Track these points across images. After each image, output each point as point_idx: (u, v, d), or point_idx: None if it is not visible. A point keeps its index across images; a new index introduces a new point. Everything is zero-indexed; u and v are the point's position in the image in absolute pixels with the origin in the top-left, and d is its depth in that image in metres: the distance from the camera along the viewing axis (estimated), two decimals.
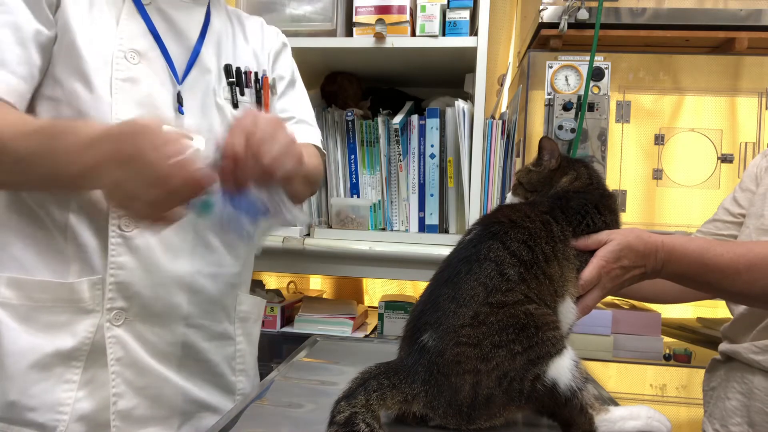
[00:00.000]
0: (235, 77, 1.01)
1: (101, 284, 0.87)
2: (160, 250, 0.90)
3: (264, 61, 1.08)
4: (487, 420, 0.71)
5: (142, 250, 0.88)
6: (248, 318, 1.06)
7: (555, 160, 0.93)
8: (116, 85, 0.87)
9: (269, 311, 1.65)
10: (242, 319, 1.05)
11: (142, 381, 0.89)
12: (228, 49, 1.02)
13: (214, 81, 0.98)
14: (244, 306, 1.05)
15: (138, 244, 0.88)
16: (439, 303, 0.74)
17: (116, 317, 0.87)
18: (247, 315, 1.06)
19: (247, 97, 1.02)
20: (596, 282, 0.81)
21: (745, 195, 1.12)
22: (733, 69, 1.54)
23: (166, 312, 0.91)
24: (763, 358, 1.01)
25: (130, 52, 0.89)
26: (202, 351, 0.96)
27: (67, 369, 0.86)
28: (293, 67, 1.17)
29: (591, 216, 0.85)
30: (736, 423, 1.05)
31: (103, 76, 0.87)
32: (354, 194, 1.61)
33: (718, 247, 0.86)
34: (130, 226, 0.87)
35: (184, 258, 0.92)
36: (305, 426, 0.77)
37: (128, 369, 0.88)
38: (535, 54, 1.54)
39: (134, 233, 0.88)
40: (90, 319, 0.87)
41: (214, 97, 0.98)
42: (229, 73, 1.00)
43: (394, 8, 1.50)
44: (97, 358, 0.87)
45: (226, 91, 1.00)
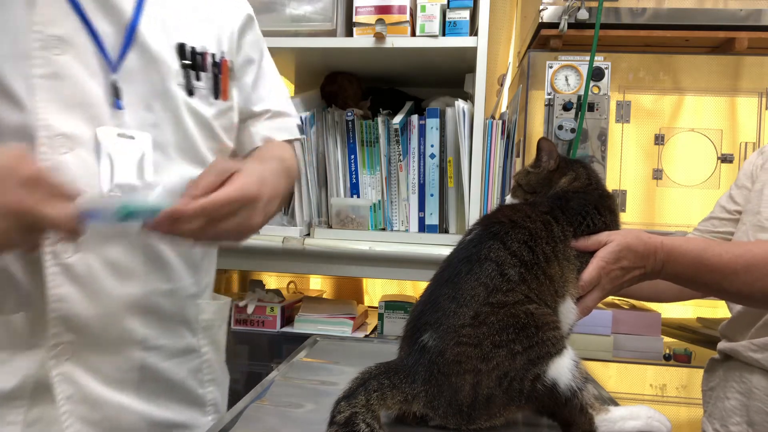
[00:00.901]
0: (192, 59, 0.86)
1: (42, 318, 0.76)
2: (107, 274, 0.79)
3: (225, 40, 0.92)
4: (488, 420, 0.71)
5: (84, 277, 0.77)
6: (212, 325, 0.97)
7: (554, 161, 0.93)
8: (37, 83, 0.73)
9: (269, 311, 1.65)
10: (206, 327, 0.96)
11: (98, 414, 0.81)
12: (179, 24, 0.86)
13: (161, 64, 0.83)
14: (206, 314, 0.95)
15: (80, 272, 0.77)
16: (440, 303, 0.74)
17: (62, 352, 0.78)
18: (211, 323, 0.97)
19: (203, 82, 0.87)
20: (596, 283, 0.81)
21: (741, 192, 1.13)
22: (733, 69, 1.54)
23: (119, 339, 0.82)
24: (761, 356, 1.01)
25: (51, 40, 0.74)
26: (163, 371, 0.88)
27: (9, 410, 0.77)
28: (262, 45, 1.02)
29: (591, 216, 0.85)
30: (735, 422, 1.05)
31: (19, 74, 0.73)
32: (354, 194, 1.61)
33: (717, 248, 0.86)
34: (68, 251, 0.76)
35: (135, 279, 0.82)
36: (305, 426, 0.77)
37: (81, 405, 0.79)
38: (535, 54, 1.54)
39: (74, 259, 0.76)
40: (32, 356, 0.77)
41: (162, 83, 0.83)
42: (182, 54, 0.85)
43: (394, 8, 1.50)
44: (43, 396, 0.78)
45: (179, 76, 0.84)
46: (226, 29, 0.93)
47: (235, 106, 0.94)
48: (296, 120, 1.07)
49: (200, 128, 0.87)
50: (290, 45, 1.56)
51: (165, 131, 0.83)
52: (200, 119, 0.87)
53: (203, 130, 0.88)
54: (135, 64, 0.81)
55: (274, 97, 1.02)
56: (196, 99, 0.86)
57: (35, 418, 0.78)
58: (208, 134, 0.89)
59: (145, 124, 0.81)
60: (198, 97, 0.87)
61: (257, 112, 0.99)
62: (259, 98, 0.99)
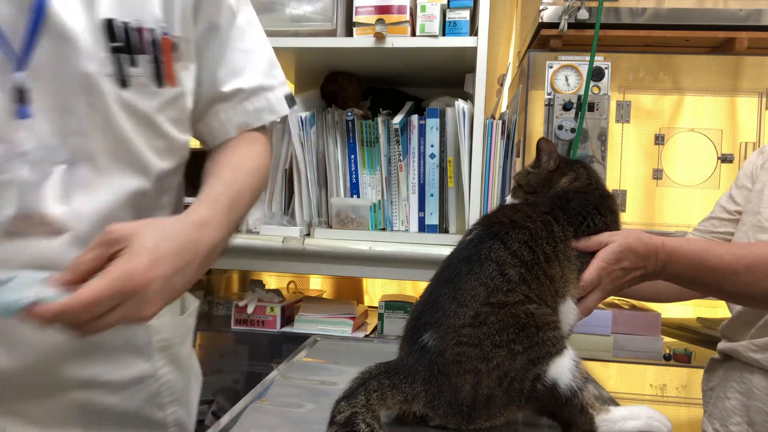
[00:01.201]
0: (125, 40, 0.68)
1: None
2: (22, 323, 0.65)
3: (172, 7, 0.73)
4: (488, 420, 0.71)
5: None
6: (171, 344, 0.84)
7: (553, 161, 0.93)
8: None
9: (269, 311, 1.65)
10: (163, 348, 0.83)
11: None
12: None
13: (81, 50, 0.65)
14: (162, 335, 0.82)
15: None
16: (440, 303, 0.74)
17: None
18: (169, 342, 0.83)
19: (141, 68, 0.70)
20: (597, 283, 0.81)
21: (741, 192, 1.13)
22: (733, 69, 1.54)
23: (52, 385, 0.71)
24: (761, 356, 1.01)
25: None
26: (112, 406, 0.77)
27: None
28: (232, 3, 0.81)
29: (591, 217, 0.85)
30: (735, 423, 1.05)
31: None
32: (354, 194, 1.61)
33: (717, 249, 0.86)
34: None
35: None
36: (305, 426, 0.77)
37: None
38: (535, 54, 1.54)
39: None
40: None
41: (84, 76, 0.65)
42: (111, 34, 0.67)
43: (394, 8, 1.50)
44: None
45: (107, 63, 0.66)
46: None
47: (188, 90, 0.77)
48: (281, 90, 0.87)
49: (140, 127, 0.72)
50: (290, 45, 1.56)
51: (92, 138, 0.68)
52: (139, 115, 0.71)
53: (144, 129, 0.72)
54: (47, 55, 0.63)
55: (249, 68, 0.83)
56: (131, 91, 0.69)
57: None
58: (151, 132, 0.73)
59: (64, 132, 0.65)
60: (134, 87, 0.70)
61: (226, 93, 0.81)
62: (229, 74, 0.81)
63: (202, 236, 0.67)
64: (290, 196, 1.66)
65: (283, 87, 0.88)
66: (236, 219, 0.76)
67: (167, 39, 0.72)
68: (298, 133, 1.58)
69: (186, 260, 0.64)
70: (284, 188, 1.67)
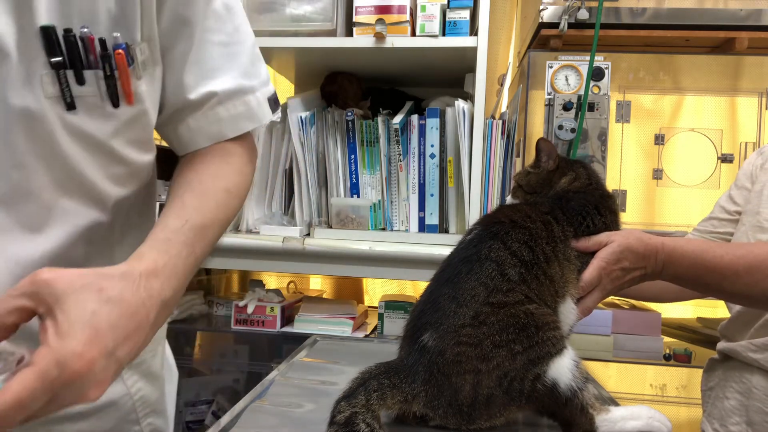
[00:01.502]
0: (65, 52, 0.56)
1: None
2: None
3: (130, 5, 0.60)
4: (488, 420, 0.71)
5: None
6: (143, 360, 0.78)
7: (553, 161, 0.93)
8: None
9: (269, 311, 1.65)
10: (135, 364, 0.75)
11: None
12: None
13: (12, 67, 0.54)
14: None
15: None
16: (440, 303, 0.74)
17: None
18: (140, 359, 0.76)
19: (90, 87, 0.58)
20: (596, 283, 0.81)
21: (741, 193, 1.13)
22: (733, 69, 1.54)
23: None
24: (761, 356, 1.01)
25: None
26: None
27: None
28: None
29: (591, 217, 0.85)
30: (734, 422, 1.05)
31: None
32: (354, 194, 1.61)
33: (718, 249, 0.86)
34: None
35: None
36: (305, 426, 0.77)
37: None
38: (535, 54, 1.54)
39: None
40: None
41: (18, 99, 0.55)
42: (50, 45, 0.55)
43: (394, 8, 1.50)
44: None
45: (47, 83, 0.55)
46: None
47: (152, 105, 0.67)
48: (264, 91, 0.74)
49: (92, 154, 0.61)
50: (290, 45, 1.56)
51: (35, 172, 0.58)
52: (91, 141, 0.61)
53: (98, 156, 0.62)
54: None
55: (226, 67, 0.69)
56: (80, 114, 0.58)
57: None
58: (106, 159, 0.63)
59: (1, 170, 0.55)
60: (83, 109, 0.59)
61: (196, 100, 0.68)
62: (200, 76, 0.68)
63: (151, 291, 0.55)
64: (290, 196, 1.66)
65: (265, 87, 0.74)
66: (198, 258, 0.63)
67: (120, 53, 0.59)
68: (298, 133, 1.58)
69: (132, 326, 0.52)
70: (284, 188, 1.67)
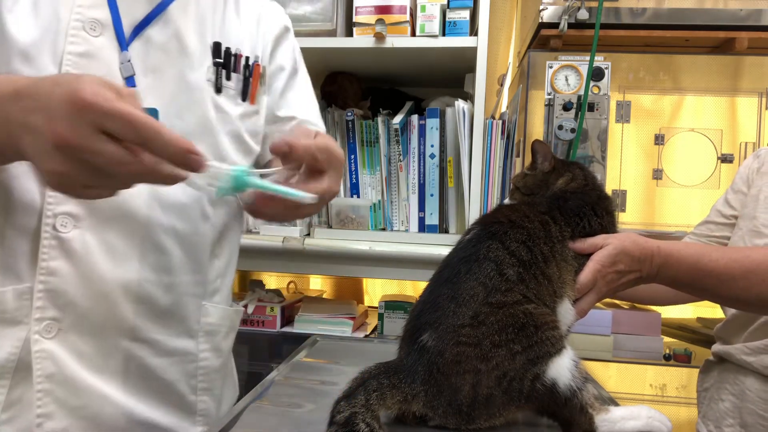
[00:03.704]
0: (224, 58, 0.87)
1: (29, 293, 0.75)
2: (102, 254, 0.77)
3: (259, 46, 0.94)
4: (487, 420, 0.71)
5: (79, 253, 0.75)
6: (217, 332, 0.93)
7: (548, 162, 0.93)
8: (67, 60, 0.74)
9: (269, 311, 1.65)
10: (209, 332, 0.91)
11: (76, 400, 0.77)
12: (214, 24, 0.88)
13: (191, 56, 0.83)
14: (211, 318, 0.91)
15: (75, 248, 0.75)
16: (439, 303, 0.74)
17: (47, 329, 0.76)
18: (215, 328, 0.92)
19: (233, 83, 0.88)
20: (592, 285, 0.81)
21: (737, 197, 1.13)
22: (733, 69, 1.54)
23: (108, 324, 0.79)
24: (754, 359, 1.01)
25: (89, 22, 0.76)
26: (151, 368, 0.83)
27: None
28: (296, 55, 1.02)
29: (588, 218, 0.85)
30: (729, 424, 1.06)
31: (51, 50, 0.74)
32: (354, 194, 1.61)
33: (713, 253, 0.86)
34: (67, 226, 0.75)
35: (130, 263, 0.79)
36: (305, 426, 0.77)
37: (60, 386, 0.76)
38: (535, 54, 1.54)
39: (71, 234, 0.75)
40: (17, 332, 0.75)
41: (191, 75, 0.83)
42: (217, 52, 0.86)
43: (394, 8, 1.50)
44: (25, 375, 0.75)
45: (210, 72, 0.85)
46: (262, 36, 0.94)
47: (263, 112, 0.94)
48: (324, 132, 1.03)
49: (225, 126, 0.87)
50: None
51: (188, 122, 0.82)
52: (225, 118, 0.87)
53: (228, 129, 0.87)
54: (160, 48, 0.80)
55: (302, 106, 1.00)
56: (223, 97, 0.86)
57: (16, 398, 0.75)
58: (232, 133, 0.88)
59: (168, 113, 0.79)
60: (225, 96, 0.87)
61: (282, 117, 0.97)
62: (286, 104, 0.98)
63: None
64: None
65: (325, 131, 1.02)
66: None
67: (258, 66, 0.91)
68: None
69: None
70: None
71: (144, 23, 0.80)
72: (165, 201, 0.80)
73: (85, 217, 0.75)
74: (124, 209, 0.77)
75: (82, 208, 0.76)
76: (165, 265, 0.83)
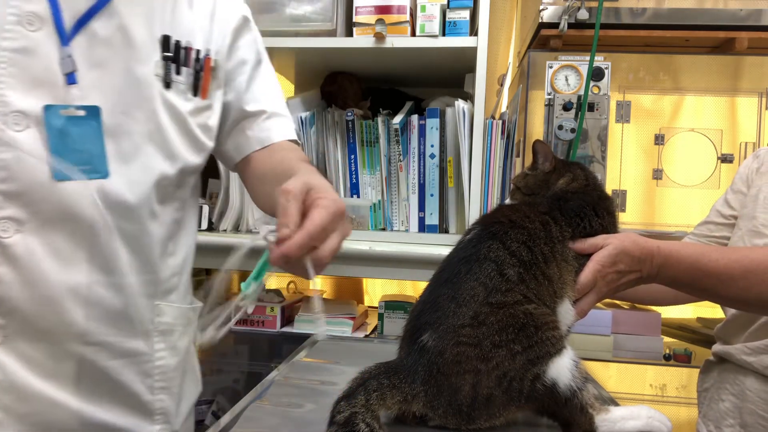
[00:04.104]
0: (173, 52, 0.84)
1: None
2: (48, 258, 0.75)
3: (215, 39, 0.90)
4: (487, 420, 0.71)
5: (23, 259, 0.74)
6: (173, 330, 0.91)
7: (549, 162, 0.93)
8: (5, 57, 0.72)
9: (269, 311, 1.65)
10: (163, 332, 0.89)
11: (27, 407, 0.76)
12: (164, 17, 0.84)
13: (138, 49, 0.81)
14: (165, 317, 0.89)
15: (18, 252, 0.74)
16: (439, 303, 0.74)
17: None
18: (170, 327, 0.90)
19: (183, 77, 0.85)
20: (592, 286, 0.81)
21: (737, 197, 1.13)
22: (733, 69, 1.54)
23: (57, 329, 0.77)
24: (754, 359, 1.01)
25: (27, 16, 0.73)
26: (106, 370, 0.82)
27: None
28: (259, 46, 0.99)
29: (589, 218, 0.85)
30: (729, 425, 1.05)
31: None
32: (354, 194, 1.61)
33: (713, 253, 0.86)
34: (9, 231, 0.73)
35: (78, 266, 0.78)
36: (305, 426, 0.77)
37: (7, 394, 0.75)
38: (535, 54, 1.54)
39: (15, 239, 0.73)
40: None
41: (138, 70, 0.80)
42: (166, 46, 0.83)
43: (394, 8, 1.50)
44: None
45: (158, 67, 0.82)
46: (218, 28, 0.91)
47: (216, 107, 0.92)
48: (293, 124, 1.03)
49: (175, 122, 0.85)
50: (290, 45, 1.56)
51: (136, 119, 0.80)
52: (175, 113, 0.84)
53: (178, 125, 0.85)
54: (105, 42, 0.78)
55: (270, 99, 0.98)
56: (172, 92, 0.84)
57: None
58: (182, 130, 0.86)
59: (114, 111, 0.78)
60: (175, 91, 0.84)
61: (251, 112, 0.95)
62: (254, 98, 0.96)
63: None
64: None
65: (292, 121, 1.03)
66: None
67: (209, 59, 0.89)
68: (297, 133, 1.58)
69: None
70: None
71: (87, 16, 0.77)
72: (111, 201, 0.78)
73: (28, 220, 0.74)
74: (68, 211, 0.76)
75: (24, 212, 0.74)
76: (114, 267, 0.81)
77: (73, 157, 0.76)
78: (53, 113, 0.75)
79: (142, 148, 0.81)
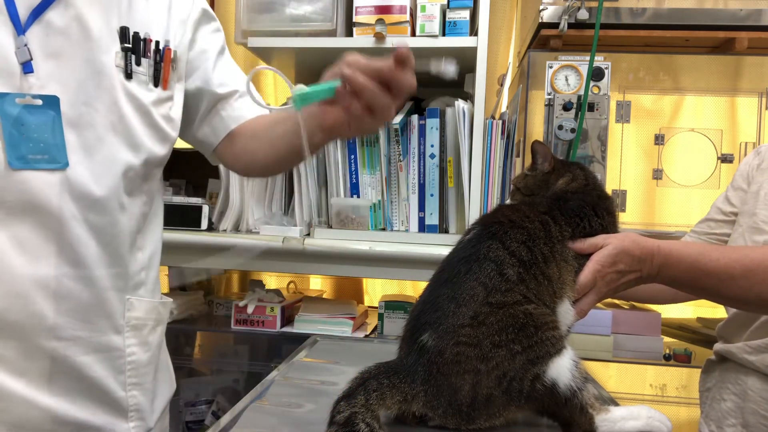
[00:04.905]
0: (132, 43, 0.84)
1: None
2: (13, 250, 0.75)
3: (173, 31, 0.92)
4: (487, 420, 0.71)
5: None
6: (143, 325, 0.90)
7: (548, 163, 0.93)
8: None
9: (269, 311, 1.65)
10: (135, 327, 0.89)
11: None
12: (120, 9, 0.85)
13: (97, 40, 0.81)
14: (136, 312, 0.89)
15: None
16: (439, 303, 0.74)
17: None
18: (141, 322, 0.90)
19: (143, 68, 0.86)
20: (592, 286, 0.81)
21: (737, 194, 1.13)
22: (733, 69, 1.54)
23: (26, 324, 0.77)
24: (756, 358, 1.01)
25: None
26: (78, 366, 0.82)
27: None
28: (220, 35, 1.01)
29: (589, 218, 0.85)
30: (731, 424, 1.05)
31: None
32: (354, 194, 1.61)
33: (713, 253, 0.86)
34: None
35: (45, 259, 0.77)
36: (305, 426, 0.77)
37: None
38: (535, 54, 1.54)
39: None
40: None
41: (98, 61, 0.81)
42: (124, 37, 0.84)
43: (394, 8, 1.50)
44: None
45: (118, 58, 0.82)
46: (179, 21, 0.93)
47: (177, 100, 0.93)
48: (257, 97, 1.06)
49: (137, 113, 0.85)
50: (290, 45, 1.56)
51: (98, 110, 0.81)
52: (137, 104, 0.85)
53: (141, 116, 0.86)
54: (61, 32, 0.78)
55: (238, 81, 1.00)
56: (134, 83, 0.84)
57: None
58: (146, 120, 0.86)
59: (76, 101, 0.79)
60: (136, 81, 0.85)
61: (223, 94, 0.97)
62: (222, 82, 0.98)
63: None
64: (290, 196, 1.66)
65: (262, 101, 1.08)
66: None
67: (169, 50, 0.89)
68: None
69: None
70: (284, 188, 1.67)
71: (42, 7, 0.77)
72: (76, 192, 0.78)
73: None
74: (33, 202, 0.75)
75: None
76: (83, 260, 0.80)
77: (29, 146, 0.76)
78: (8, 101, 0.75)
79: (106, 138, 0.82)
